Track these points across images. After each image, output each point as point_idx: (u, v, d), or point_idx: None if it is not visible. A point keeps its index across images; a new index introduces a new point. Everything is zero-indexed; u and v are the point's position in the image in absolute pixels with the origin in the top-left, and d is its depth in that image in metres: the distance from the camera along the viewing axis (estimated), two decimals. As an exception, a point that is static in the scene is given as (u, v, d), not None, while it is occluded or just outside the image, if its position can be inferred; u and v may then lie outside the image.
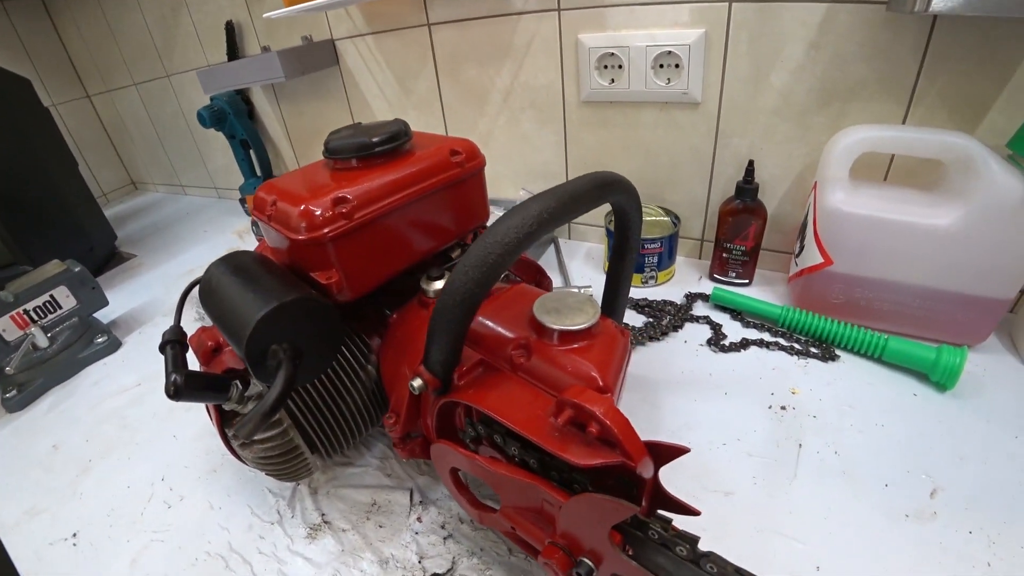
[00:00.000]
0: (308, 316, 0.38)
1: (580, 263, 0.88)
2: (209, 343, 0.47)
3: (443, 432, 0.43)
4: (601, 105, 0.80)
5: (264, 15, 0.84)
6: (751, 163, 0.70)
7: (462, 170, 0.49)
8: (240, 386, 0.43)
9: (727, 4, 0.65)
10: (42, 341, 0.82)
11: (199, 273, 1.04)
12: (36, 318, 0.82)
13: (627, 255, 0.48)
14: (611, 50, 0.74)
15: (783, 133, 0.69)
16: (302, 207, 0.40)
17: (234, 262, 0.43)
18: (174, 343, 0.44)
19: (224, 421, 0.45)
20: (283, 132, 1.22)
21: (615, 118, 0.80)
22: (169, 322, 0.91)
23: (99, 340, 0.87)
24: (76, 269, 0.87)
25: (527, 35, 0.81)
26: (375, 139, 0.44)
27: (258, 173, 1.28)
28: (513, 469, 0.37)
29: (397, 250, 0.46)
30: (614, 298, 0.52)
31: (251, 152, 1.24)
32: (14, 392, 0.79)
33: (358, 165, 0.45)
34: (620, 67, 0.75)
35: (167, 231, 1.36)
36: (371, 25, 0.94)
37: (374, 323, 0.50)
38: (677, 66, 0.71)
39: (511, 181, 0.97)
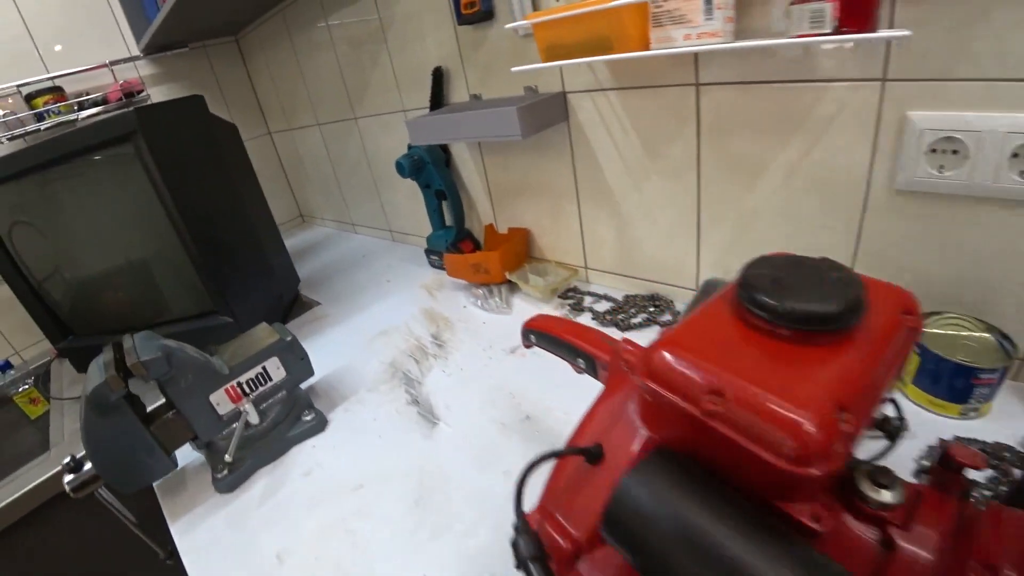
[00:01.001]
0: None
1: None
2: (566, 546, 0.34)
3: None
4: (920, 196, 0.63)
5: (513, 69, 0.74)
6: None
7: (911, 337, 0.33)
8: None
9: None
10: (254, 418, 0.76)
11: (393, 334, 0.97)
12: (248, 391, 0.76)
13: None
14: (952, 133, 0.56)
15: None
16: (796, 424, 0.26)
17: (673, 491, 0.29)
18: (538, 560, 0.32)
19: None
20: (482, 184, 1.14)
21: (937, 212, 0.62)
22: (376, 399, 0.83)
23: (307, 418, 0.80)
24: (288, 339, 0.80)
25: (832, 107, 0.65)
26: (841, 310, 0.30)
27: (447, 224, 1.20)
28: None
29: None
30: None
31: (442, 203, 1.17)
32: (224, 472, 0.73)
33: (791, 335, 0.31)
34: (955, 152, 0.57)
35: (345, 276, 1.33)
36: (618, 80, 0.82)
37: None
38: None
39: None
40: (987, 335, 0.61)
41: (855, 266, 0.72)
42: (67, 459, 0.69)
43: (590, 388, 0.76)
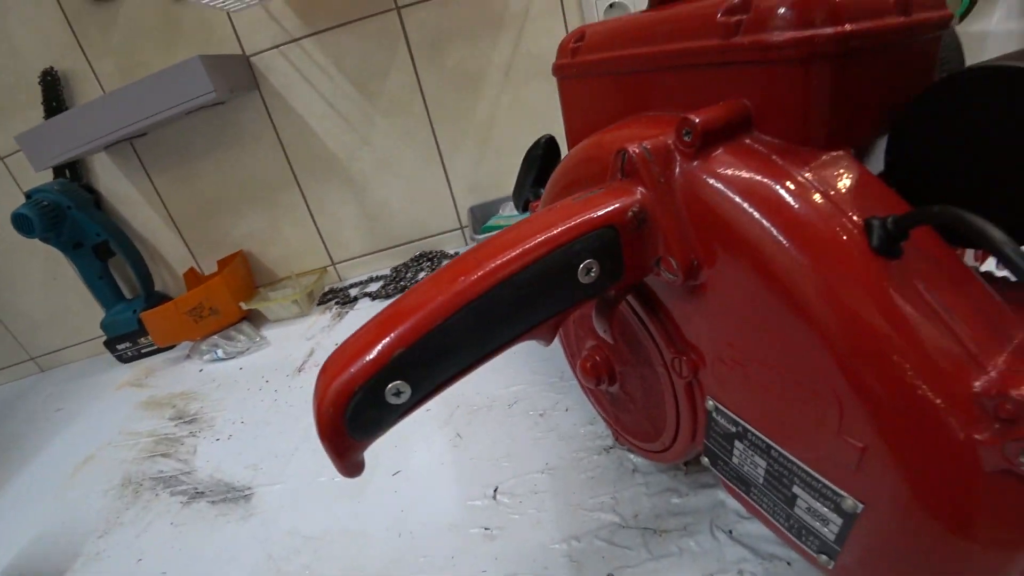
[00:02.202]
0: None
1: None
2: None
3: None
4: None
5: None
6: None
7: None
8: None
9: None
10: None
11: (106, 452, 0.80)
12: None
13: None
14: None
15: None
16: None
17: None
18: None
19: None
20: (162, 218, 0.85)
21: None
22: (126, 535, 0.48)
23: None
24: None
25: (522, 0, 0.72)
26: None
27: (128, 296, 0.86)
28: None
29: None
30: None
31: (108, 264, 0.83)
32: None
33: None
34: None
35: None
36: (309, 23, 0.72)
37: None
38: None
39: (524, 170, 0.81)
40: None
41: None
42: None
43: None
